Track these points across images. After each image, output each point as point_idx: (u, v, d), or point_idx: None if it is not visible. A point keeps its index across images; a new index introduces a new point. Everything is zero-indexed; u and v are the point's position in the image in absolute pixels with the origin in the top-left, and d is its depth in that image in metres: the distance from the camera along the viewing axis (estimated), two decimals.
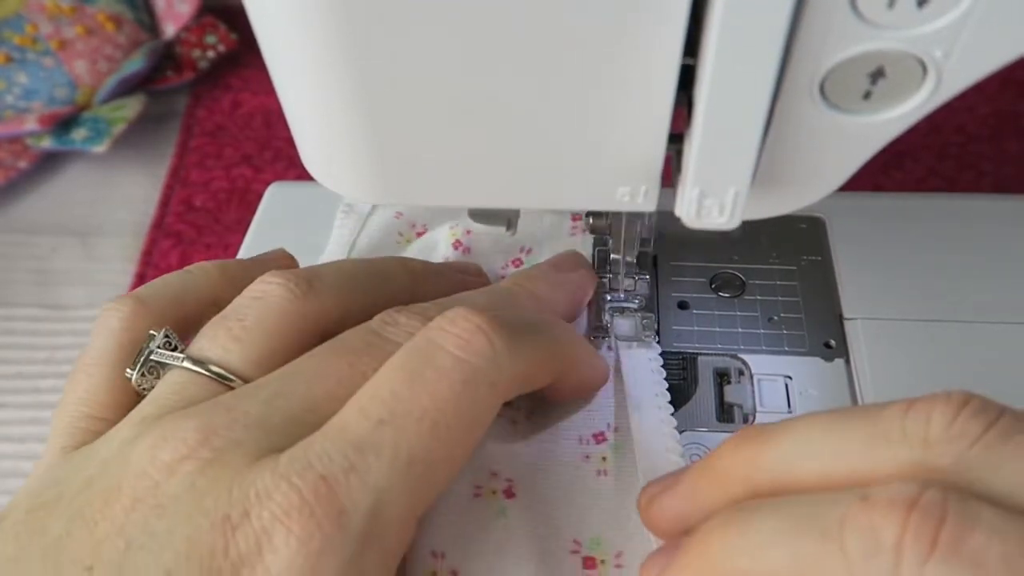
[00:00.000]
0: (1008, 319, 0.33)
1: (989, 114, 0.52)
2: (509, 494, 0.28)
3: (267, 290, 0.26)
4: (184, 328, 0.27)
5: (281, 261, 0.32)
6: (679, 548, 0.22)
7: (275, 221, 0.40)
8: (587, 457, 0.29)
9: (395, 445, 0.21)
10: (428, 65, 0.21)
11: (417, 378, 0.22)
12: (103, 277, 0.50)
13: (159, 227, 0.52)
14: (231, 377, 0.24)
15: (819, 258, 0.36)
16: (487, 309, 0.26)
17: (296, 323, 0.26)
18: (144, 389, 0.25)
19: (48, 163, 0.55)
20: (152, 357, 0.25)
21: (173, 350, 0.25)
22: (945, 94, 0.20)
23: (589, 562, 0.27)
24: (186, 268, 0.29)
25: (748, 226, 0.24)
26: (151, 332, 0.26)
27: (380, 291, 0.28)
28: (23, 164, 0.53)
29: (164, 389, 0.24)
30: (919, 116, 0.21)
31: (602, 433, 0.29)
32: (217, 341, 0.25)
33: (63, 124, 0.53)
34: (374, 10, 0.20)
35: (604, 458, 0.29)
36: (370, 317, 0.26)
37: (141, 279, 0.49)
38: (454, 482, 0.27)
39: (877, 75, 0.20)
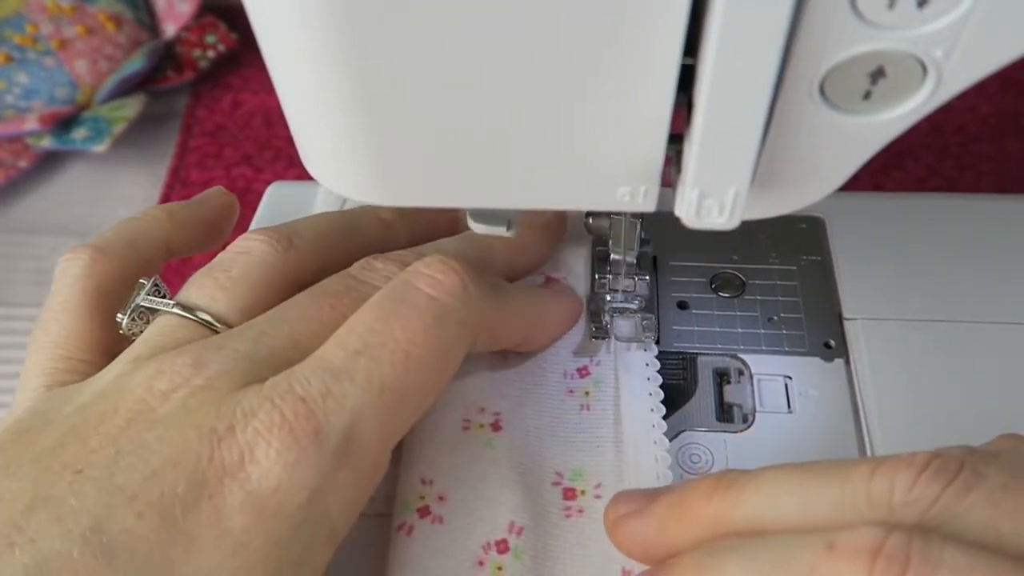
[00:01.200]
0: (1008, 319, 0.33)
1: (989, 114, 0.52)
2: (496, 427, 0.30)
3: (250, 246, 0.28)
4: (140, 273, 0.29)
5: (221, 198, 0.34)
6: None
7: (275, 221, 0.39)
8: (571, 392, 0.31)
9: (368, 373, 0.23)
10: (427, 65, 0.21)
11: (391, 314, 0.24)
12: None
13: None
14: (215, 324, 0.26)
15: (819, 258, 0.36)
16: (462, 251, 0.29)
17: (278, 276, 0.27)
18: (134, 334, 0.27)
19: (48, 163, 0.55)
20: (142, 303, 0.27)
21: (162, 297, 0.27)
22: (945, 94, 0.20)
23: (569, 492, 0.28)
24: (135, 215, 0.31)
25: (748, 226, 0.24)
26: (141, 280, 0.28)
27: (354, 242, 0.30)
28: (23, 164, 0.53)
29: (154, 332, 0.26)
30: (919, 116, 0.21)
31: (585, 367, 0.31)
32: (204, 290, 0.26)
33: (63, 124, 0.53)
34: (374, 9, 0.20)
35: (587, 392, 0.31)
36: (346, 266, 0.28)
37: None
38: (444, 415, 0.30)
39: (877, 75, 0.20)
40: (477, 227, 0.29)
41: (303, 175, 0.39)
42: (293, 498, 0.22)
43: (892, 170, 0.50)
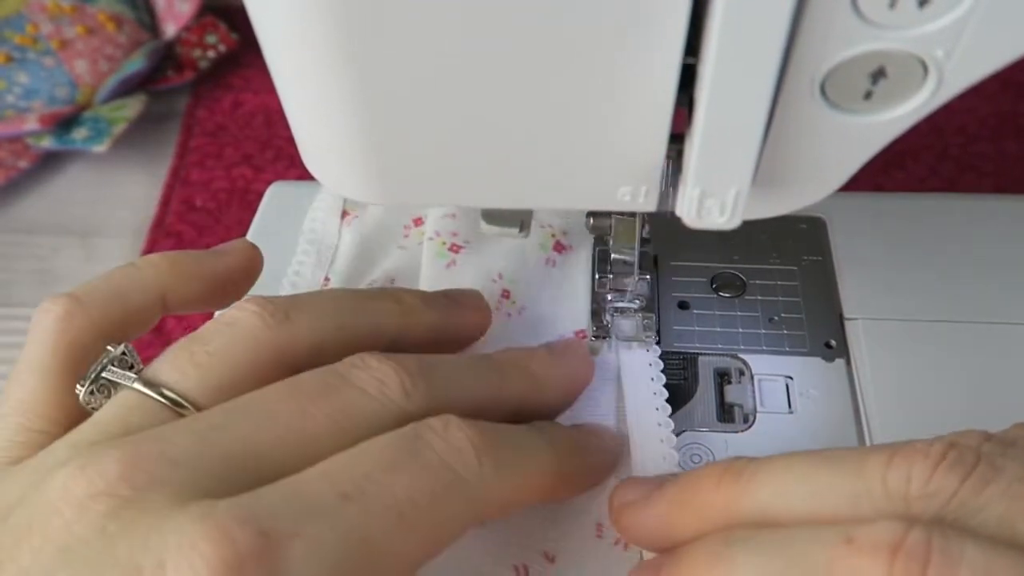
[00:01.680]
0: (1009, 319, 0.33)
1: (990, 115, 0.52)
2: None
3: (238, 317, 0.24)
4: (127, 327, 0.25)
5: (242, 254, 0.30)
6: (661, 573, 0.22)
7: (276, 221, 0.40)
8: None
9: (353, 523, 0.20)
10: (430, 65, 0.21)
11: (397, 467, 0.21)
12: None
13: (160, 227, 0.52)
14: (184, 404, 0.22)
15: (820, 258, 0.36)
16: (470, 376, 0.26)
17: (266, 354, 0.24)
18: (92, 408, 0.23)
19: (49, 163, 0.55)
20: (104, 374, 0.23)
21: (129, 368, 0.24)
22: (946, 94, 0.20)
23: None
24: (133, 261, 0.27)
25: (749, 226, 0.24)
26: (108, 348, 0.24)
27: (362, 325, 0.26)
28: (24, 164, 0.53)
29: (108, 412, 0.23)
30: (920, 116, 0.21)
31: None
32: (176, 365, 0.23)
33: (64, 124, 0.53)
34: (375, 9, 0.20)
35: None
36: (350, 352, 0.24)
37: None
38: None
39: (878, 75, 0.20)
40: (489, 229, 0.29)
41: (304, 175, 0.39)
42: None
43: (893, 170, 0.50)
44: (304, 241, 0.37)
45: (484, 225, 0.29)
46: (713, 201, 0.22)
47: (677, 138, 0.23)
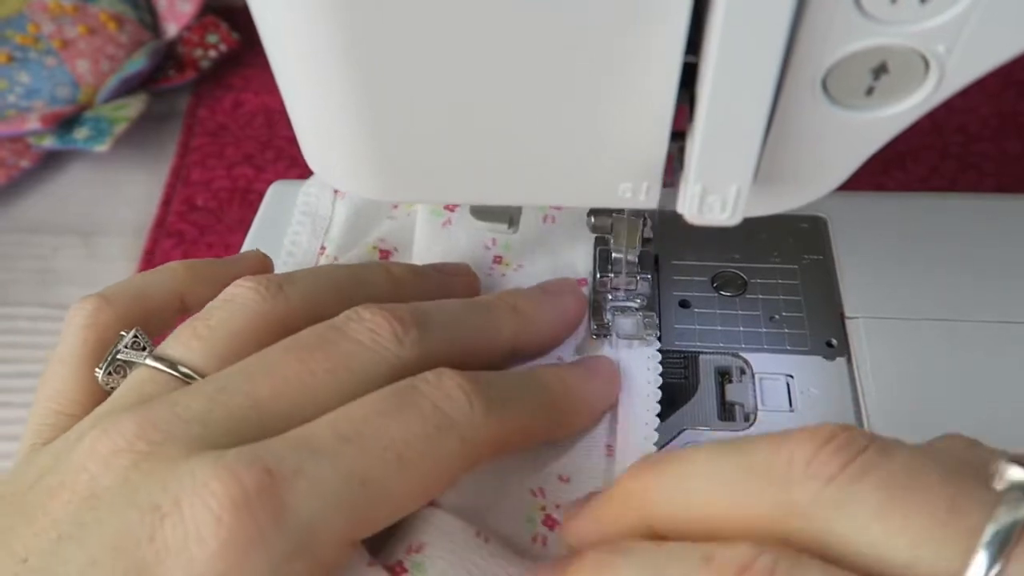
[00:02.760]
0: (1010, 318, 0.33)
1: (991, 114, 0.52)
2: None
3: (235, 293, 0.26)
4: (148, 325, 0.27)
5: (254, 262, 0.32)
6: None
7: (277, 220, 0.40)
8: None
9: (353, 463, 0.21)
10: (431, 62, 0.21)
11: (392, 412, 0.22)
12: (105, 277, 0.50)
13: (161, 226, 0.52)
14: (191, 374, 0.24)
15: (821, 257, 0.36)
16: (462, 319, 0.27)
17: (264, 324, 0.25)
18: (111, 388, 0.25)
19: (50, 162, 0.55)
20: (119, 356, 0.26)
21: (141, 350, 0.26)
22: (948, 90, 0.20)
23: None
24: (156, 268, 0.30)
25: (750, 225, 0.24)
26: (121, 332, 0.26)
27: (356, 296, 0.27)
28: (25, 163, 0.53)
29: (124, 388, 0.24)
30: (921, 112, 0.21)
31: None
32: (180, 340, 0.25)
33: (65, 123, 0.53)
34: (377, 7, 0.20)
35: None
36: None
37: None
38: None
39: (880, 71, 0.20)
40: (479, 223, 0.29)
41: (305, 174, 0.40)
42: None
43: (894, 170, 0.50)
44: (298, 213, 0.38)
45: (473, 220, 0.29)
46: (714, 198, 0.22)
47: (679, 135, 0.23)
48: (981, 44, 0.19)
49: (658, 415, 0.30)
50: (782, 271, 0.36)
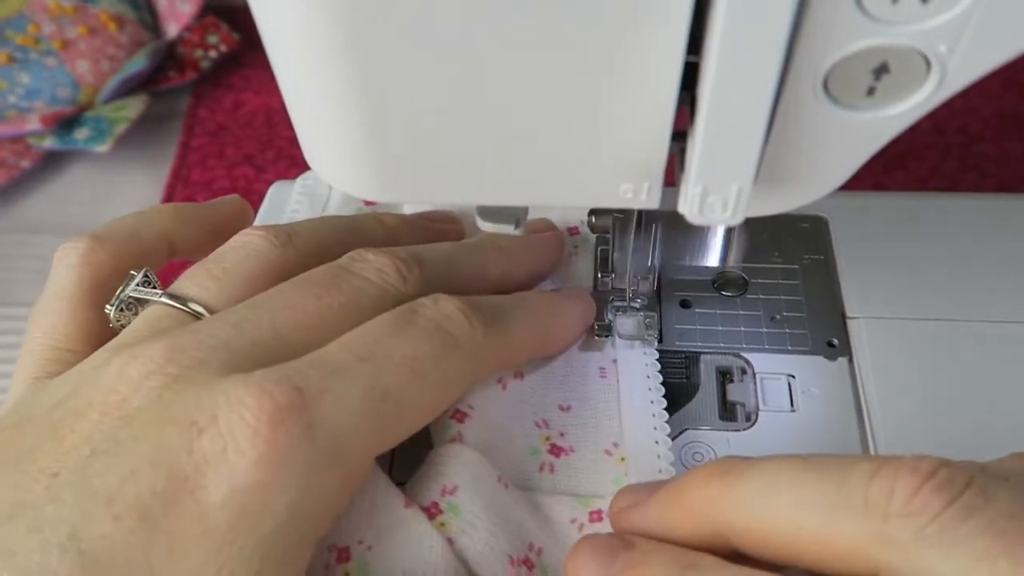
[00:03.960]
0: (1011, 318, 0.33)
1: (992, 115, 0.52)
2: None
3: (247, 240, 0.27)
4: (140, 264, 0.28)
5: (236, 204, 0.33)
6: (617, 568, 0.22)
7: (277, 221, 0.40)
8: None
9: (373, 379, 0.22)
10: (432, 62, 0.21)
11: (401, 331, 0.24)
12: None
13: None
14: (204, 313, 0.25)
15: (822, 257, 0.36)
16: (455, 258, 0.29)
17: (274, 270, 0.27)
18: (122, 325, 0.26)
19: (50, 163, 0.55)
20: (131, 294, 0.26)
21: (153, 288, 0.26)
22: (949, 90, 0.20)
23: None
24: (145, 209, 0.30)
25: (751, 225, 0.24)
26: (132, 272, 0.27)
27: (354, 243, 0.28)
28: (26, 164, 0.53)
29: (139, 322, 0.25)
30: (923, 112, 0.21)
31: (528, 559, 0.28)
32: (195, 280, 0.26)
33: (65, 124, 0.53)
34: (378, 7, 0.20)
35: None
36: None
37: None
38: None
39: (881, 71, 0.20)
40: (485, 225, 0.29)
41: None
42: (279, 496, 0.20)
43: (895, 170, 0.50)
44: (296, 194, 0.39)
45: (480, 222, 0.29)
46: (715, 198, 0.22)
47: (680, 135, 0.23)
48: (982, 44, 0.19)
49: (665, 408, 0.30)
50: (783, 271, 0.36)
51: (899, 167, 0.50)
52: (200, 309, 0.25)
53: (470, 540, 0.25)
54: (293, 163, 0.54)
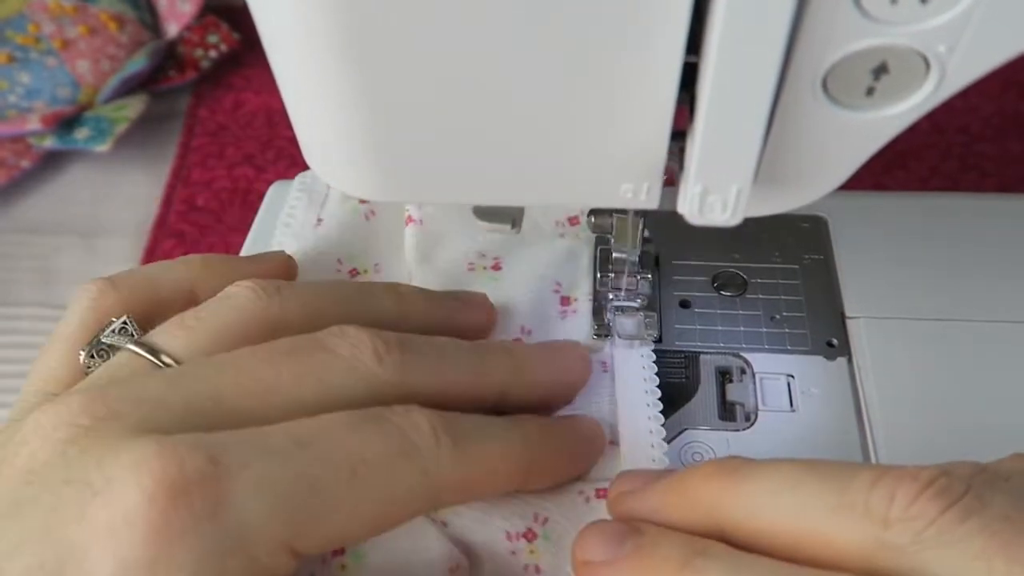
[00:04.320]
0: (1010, 318, 0.33)
1: (992, 114, 0.52)
2: None
3: (233, 291, 0.25)
4: (155, 314, 0.26)
5: (277, 263, 0.31)
6: (626, 553, 0.22)
7: (275, 220, 0.40)
8: (513, 553, 0.27)
9: (303, 468, 0.20)
10: (431, 62, 0.21)
11: (357, 427, 0.21)
12: None
13: (162, 227, 0.52)
14: (169, 363, 0.23)
15: (821, 257, 0.36)
16: (448, 354, 0.26)
17: (252, 325, 0.25)
18: (90, 370, 0.25)
19: (51, 162, 0.55)
20: (103, 340, 0.25)
21: (129, 336, 0.25)
22: (948, 90, 0.20)
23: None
24: (173, 259, 0.29)
25: (750, 225, 0.24)
26: (112, 318, 0.26)
27: (358, 313, 0.26)
28: (26, 163, 0.53)
29: (102, 369, 0.24)
30: (922, 112, 0.21)
31: (530, 530, 0.27)
32: (166, 329, 0.25)
33: (66, 123, 0.53)
34: (377, 7, 0.20)
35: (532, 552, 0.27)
36: None
37: None
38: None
39: (880, 71, 0.20)
40: (482, 224, 0.29)
41: None
42: None
43: (895, 170, 0.50)
44: (295, 190, 0.38)
45: (478, 222, 0.29)
46: (715, 198, 0.22)
47: (679, 135, 0.23)
48: (982, 44, 0.19)
49: (661, 412, 0.30)
50: (783, 271, 0.36)
51: (899, 167, 0.50)
52: (166, 360, 0.23)
53: (462, 520, 0.25)
54: (293, 163, 0.54)
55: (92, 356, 0.25)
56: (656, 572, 0.21)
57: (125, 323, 0.25)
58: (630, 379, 0.31)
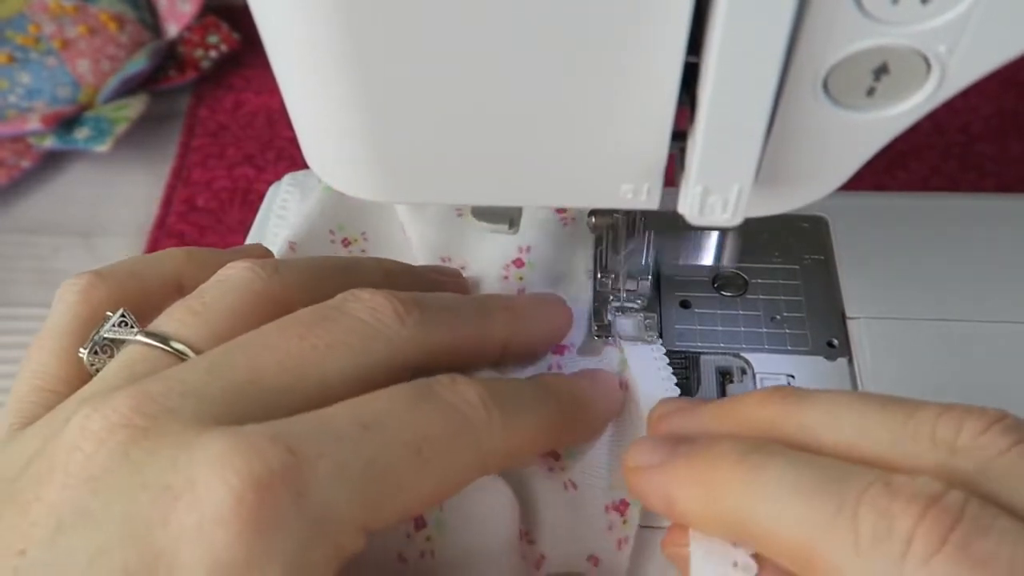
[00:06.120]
0: (1011, 318, 0.33)
1: (993, 114, 0.52)
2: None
3: (231, 273, 0.25)
4: (143, 306, 0.26)
5: (259, 252, 0.32)
6: (680, 454, 0.22)
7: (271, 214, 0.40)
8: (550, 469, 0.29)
9: (376, 451, 0.20)
10: (431, 63, 0.21)
11: (415, 406, 0.22)
12: None
13: (162, 227, 0.52)
14: (186, 351, 0.23)
15: (822, 257, 0.36)
16: (457, 309, 0.26)
17: (259, 302, 0.25)
18: (96, 368, 0.25)
19: (51, 162, 0.55)
20: (105, 335, 0.25)
21: (129, 329, 0.25)
22: (949, 90, 0.20)
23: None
24: (155, 252, 0.29)
25: (750, 226, 0.24)
26: (107, 312, 0.25)
27: (350, 284, 0.26)
28: (26, 163, 0.53)
29: (113, 366, 0.23)
30: (923, 113, 0.21)
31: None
32: (174, 316, 0.24)
33: (66, 124, 0.53)
34: (377, 8, 0.20)
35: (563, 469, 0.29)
36: None
37: None
38: None
39: (881, 71, 0.20)
40: (480, 224, 0.29)
41: None
42: (262, 569, 0.18)
43: (895, 170, 0.50)
44: (286, 185, 0.39)
45: (475, 222, 0.29)
46: (715, 198, 0.22)
47: (680, 135, 0.23)
48: (982, 44, 0.19)
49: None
50: (783, 271, 0.36)
51: (900, 167, 0.50)
52: (181, 347, 0.23)
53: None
54: (293, 163, 0.54)
55: (95, 353, 0.25)
56: (712, 469, 0.21)
57: (123, 316, 0.25)
58: (647, 372, 0.31)
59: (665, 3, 0.19)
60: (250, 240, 0.39)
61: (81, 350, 0.25)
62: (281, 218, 0.37)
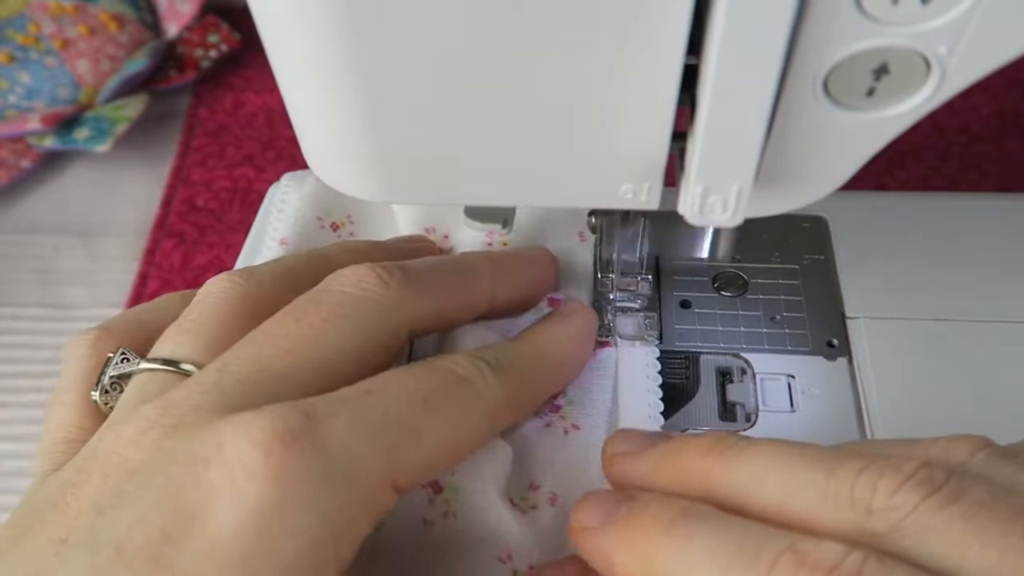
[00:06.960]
0: (1011, 318, 0.33)
1: (992, 114, 0.52)
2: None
3: (210, 288, 0.27)
4: (147, 350, 0.27)
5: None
6: (619, 517, 0.22)
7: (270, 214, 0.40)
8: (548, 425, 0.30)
9: (383, 406, 0.22)
10: (432, 64, 0.21)
11: (411, 371, 0.24)
12: (106, 277, 0.50)
13: (161, 227, 0.52)
14: (189, 368, 0.24)
15: (822, 257, 0.36)
16: (440, 268, 0.28)
17: (244, 308, 0.26)
18: (110, 407, 0.26)
19: (51, 162, 0.55)
20: (112, 374, 0.26)
21: (130, 362, 0.26)
22: (949, 91, 0.20)
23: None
24: (153, 300, 0.31)
25: (750, 225, 0.24)
26: (108, 355, 0.27)
27: (324, 271, 0.27)
28: (26, 163, 0.53)
29: (126, 396, 0.25)
30: (923, 113, 0.21)
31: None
32: (170, 340, 0.25)
33: (66, 123, 0.53)
34: (377, 7, 0.20)
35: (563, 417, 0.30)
36: None
37: (144, 279, 0.49)
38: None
39: (881, 72, 0.20)
40: (473, 224, 0.29)
41: None
42: (297, 517, 0.19)
43: (895, 169, 0.50)
44: (284, 183, 0.39)
45: (468, 222, 0.29)
46: (716, 198, 0.22)
47: (680, 135, 0.23)
48: (982, 45, 0.19)
49: (662, 413, 0.30)
50: (783, 271, 0.36)
51: (899, 167, 0.50)
52: (186, 366, 0.24)
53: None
54: (293, 163, 0.54)
55: (106, 392, 0.26)
56: (644, 532, 0.21)
57: (124, 354, 0.26)
58: (633, 379, 0.31)
59: (665, 3, 0.19)
60: (250, 240, 0.39)
61: (92, 393, 0.26)
62: (281, 211, 0.37)
